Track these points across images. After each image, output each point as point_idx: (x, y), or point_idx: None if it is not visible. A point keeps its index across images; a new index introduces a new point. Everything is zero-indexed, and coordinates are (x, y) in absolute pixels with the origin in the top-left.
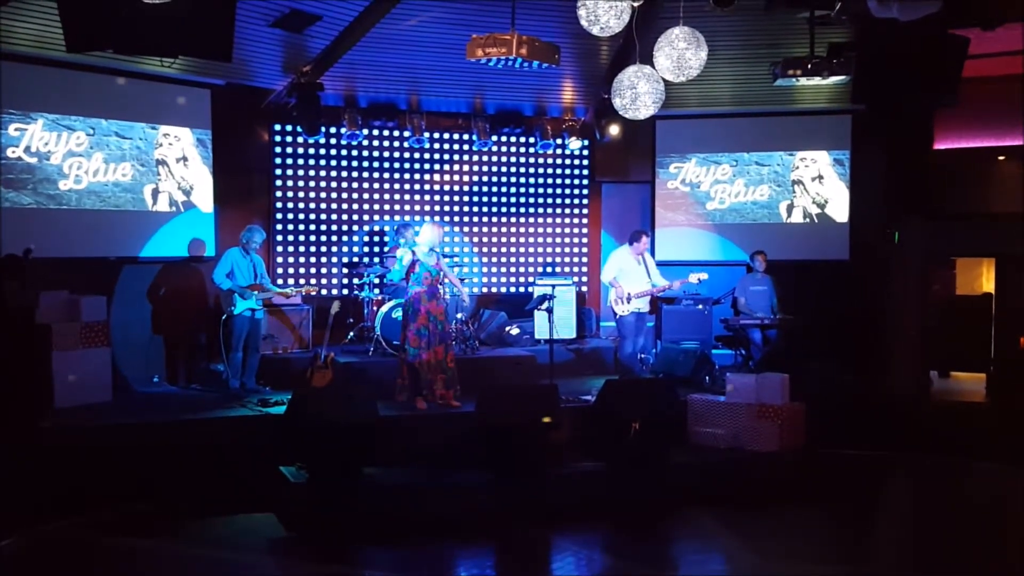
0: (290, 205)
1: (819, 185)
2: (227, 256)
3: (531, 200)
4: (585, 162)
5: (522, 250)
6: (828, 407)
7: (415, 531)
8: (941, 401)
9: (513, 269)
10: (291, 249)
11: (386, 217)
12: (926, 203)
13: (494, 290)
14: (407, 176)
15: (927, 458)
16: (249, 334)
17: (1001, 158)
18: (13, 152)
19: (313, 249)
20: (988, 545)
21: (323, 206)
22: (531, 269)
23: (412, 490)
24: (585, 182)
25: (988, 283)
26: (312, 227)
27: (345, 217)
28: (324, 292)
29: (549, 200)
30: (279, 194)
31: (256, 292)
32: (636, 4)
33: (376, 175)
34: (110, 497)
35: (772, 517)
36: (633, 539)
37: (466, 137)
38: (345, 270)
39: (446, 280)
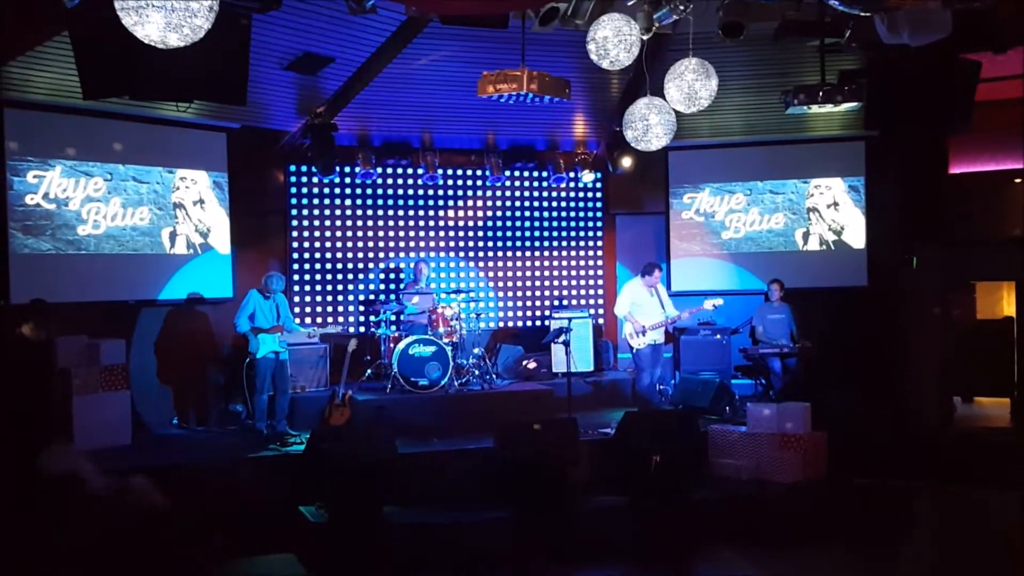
0: (306, 244)
1: (835, 212)
2: (248, 298)
3: (546, 233)
4: (599, 194)
5: (538, 283)
6: (850, 436)
7: (436, 570)
8: (965, 427)
9: (529, 303)
10: (308, 288)
11: (402, 254)
12: (943, 227)
13: (510, 324)
14: (422, 213)
15: (953, 487)
16: (275, 376)
17: (1018, 181)
18: (32, 199)
19: (330, 287)
20: None
21: (339, 244)
22: (547, 302)
23: (432, 528)
24: (599, 214)
25: (1009, 307)
26: (328, 265)
27: (361, 255)
28: (341, 330)
29: (564, 233)
30: (295, 234)
31: (277, 334)
32: (645, 37)
33: (391, 213)
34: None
35: (797, 551)
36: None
37: (480, 173)
38: (362, 308)
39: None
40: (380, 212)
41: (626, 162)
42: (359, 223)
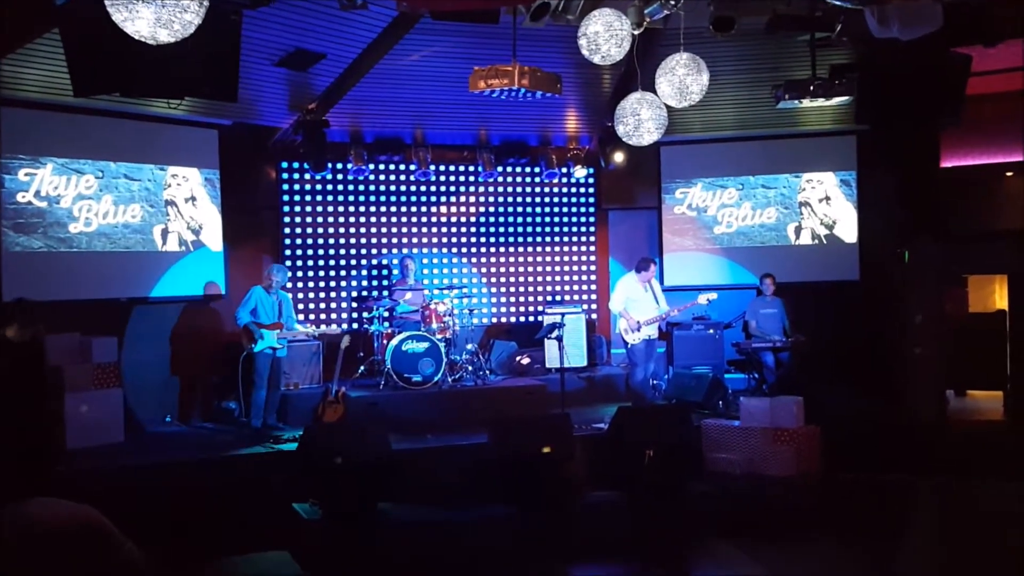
0: (299, 241)
1: (826, 206)
2: (252, 294)
3: (538, 229)
4: (591, 190)
5: (531, 279)
6: (843, 430)
7: (431, 566)
8: (958, 421)
9: (522, 298)
10: (300, 284)
11: (394, 251)
12: (935, 221)
13: (503, 320)
14: (414, 209)
15: (946, 480)
16: (271, 371)
17: (1009, 174)
18: (23, 197)
19: (322, 284)
20: (1015, 570)
21: (331, 241)
22: (540, 298)
23: (427, 526)
24: (592, 210)
25: (1001, 300)
26: (321, 262)
27: (353, 251)
28: (334, 327)
29: (556, 229)
30: (287, 230)
31: (275, 332)
32: (636, 32)
33: (383, 209)
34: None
35: (791, 545)
36: (657, 571)
37: (472, 169)
38: (354, 304)
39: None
40: (373, 208)
41: (618, 157)
42: (351, 219)
